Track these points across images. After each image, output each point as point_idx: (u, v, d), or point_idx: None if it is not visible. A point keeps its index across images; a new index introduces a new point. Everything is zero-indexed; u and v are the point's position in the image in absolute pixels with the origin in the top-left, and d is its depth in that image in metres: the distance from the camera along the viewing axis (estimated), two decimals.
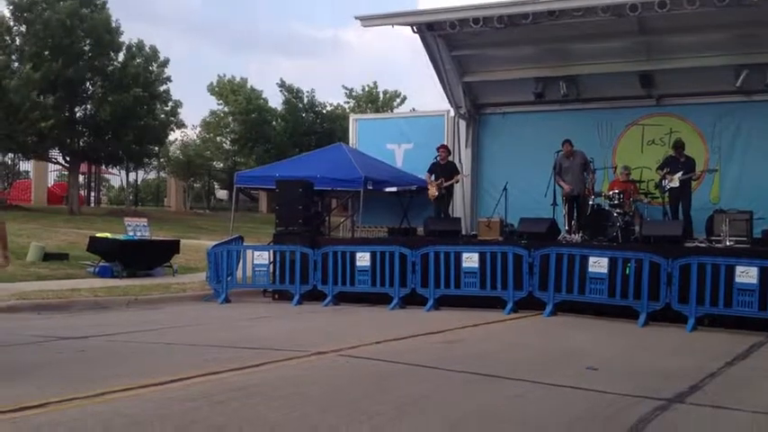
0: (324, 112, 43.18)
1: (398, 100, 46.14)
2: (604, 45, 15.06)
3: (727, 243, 12.12)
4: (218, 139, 44.07)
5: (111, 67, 30.11)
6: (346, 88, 45.47)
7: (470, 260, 12.46)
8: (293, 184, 14.45)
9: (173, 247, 16.87)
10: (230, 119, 42.91)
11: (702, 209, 13.80)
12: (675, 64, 14.83)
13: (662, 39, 14.71)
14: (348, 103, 45.17)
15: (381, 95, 45.64)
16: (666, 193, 13.90)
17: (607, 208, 13.87)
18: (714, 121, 15.10)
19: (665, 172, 13.77)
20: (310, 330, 10.38)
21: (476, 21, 13.94)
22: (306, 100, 42.67)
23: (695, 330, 10.39)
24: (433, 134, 17.26)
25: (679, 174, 13.54)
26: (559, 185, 14.26)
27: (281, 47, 75.49)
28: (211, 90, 43.38)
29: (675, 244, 11.81)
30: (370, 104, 44.37)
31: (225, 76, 43.70)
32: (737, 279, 10.28)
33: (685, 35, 14.31)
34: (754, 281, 10.17)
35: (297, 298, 13.32)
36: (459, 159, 16.87)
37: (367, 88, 45.52)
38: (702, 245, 12.40)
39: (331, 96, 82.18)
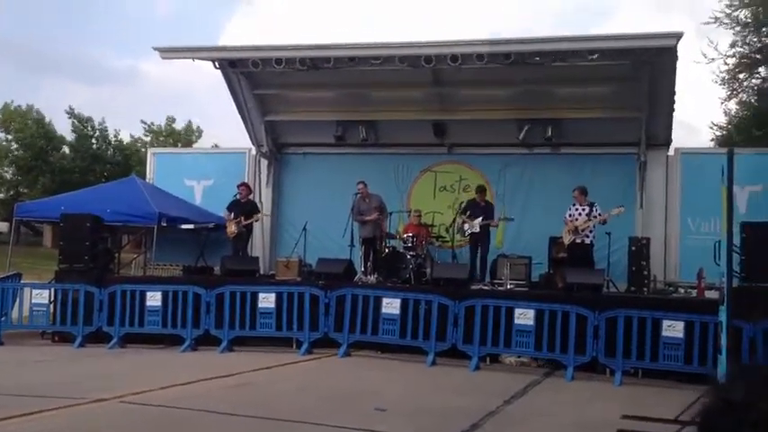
0: (115, 142, 41.34)
1: (196, 135, 45.34)
2: (402, 93, 15.69)
3: (508, 286, 12.92)
4: None
5: None
6: (144, 122, 44.06)
7: (267, 300, 12.32)
8: (80, 219, 13.59)
9: None
10: (13, 146, 39.90)
11: (488, 253, 14.59)
12: (465, 115, 15.74)
13: (454, 91, 15.58)
14: (147, 136, 43.70)
15: (181, 129, 44.59)
16: (467, 237, 14.53)
17: (401, 250, 14.33)
18: (499, 170, 16.07)
19: (466, 216, 14.36)
20: (91, 375, 9.70)
21: (278, 61, 14.00)
22: (97, 130, 40.66)
23: (478, 370, 10.89)
24: (234, 171, 17.02)
25: (479, 219, 14.22)
26: (357, 222, 14.50)
27: (76, 73, 71.53)
28: None
29: (462, 286, 12.39)
30: (169, 138, 43.17)
31: (12, 102, 40.73)
32: (516, 321, 10.97)
33: (475, 89, 15.25)
34: (531, 322, 10.91)
35: (79, 340, 12.45)
36: (260, 198, 16.75)
37: (166, 121, 44.36)
38: (486, 287, 13.10)
39: (130, 127, 78.95)
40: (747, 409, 1.34)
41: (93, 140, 40.50)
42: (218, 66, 15.10)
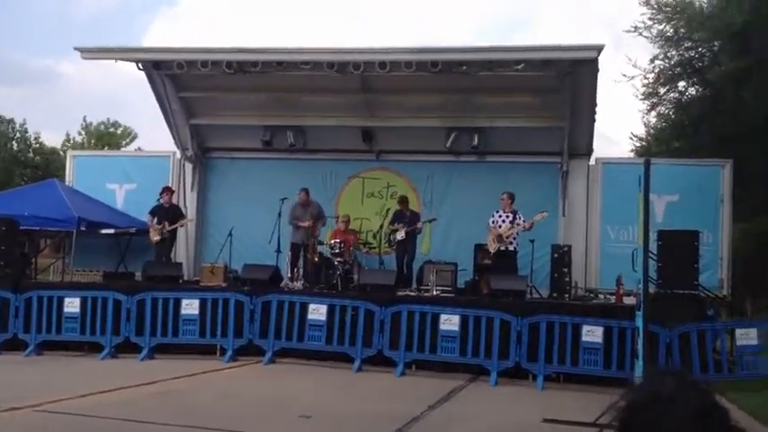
0: (36, 144, 39.97)
1: (125, 138, 44.27)
2: (330, 99, 15.63)
3: (435, 292, 13.02)
4: None
5: None
6: (84, 121, 42.85)
7: (190, 306, 12.09)
8: None
9: None
10: None
11: (414, 259, 14.69)
12: (393, 122, 15.79)
13: (382, 98, 15.63)
14: (75, 138, 42.53)
15: (105, 132, 43.48)
16: (395, 246, 14.58)
17: (329, 256, 14.28)
18: (426, 177, 16.18)
19: (394, 226, 14.39)
20: (5, 384, 9.30)
21: (204, 64, 13.75)
22: (17, 132, 39.24)
23: (404, 375, 10.93)
24: (157, 175, 16.63)
25: (404, 227, 14.29)
26: (292, 225, 14.43)
27: None
28: None
29: (389, 292, 12.42)
30: (96, 142, 42.05)
31: None
32: (442, 326, 11.07)
33: (403, 96, 15.34)
34: (456, 328, 11.02)
35: None
36: (185, 203, 16.42)
37: (94, 123, 43.20)
38: (412, 293, 13.18)
39: (52, 130, 76.31)
40: (676, 401, 1.37)
41: (14, 143, 39.07)
42: (141, 67, 14.75)
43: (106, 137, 42.99)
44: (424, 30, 67.56)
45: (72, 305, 12.15)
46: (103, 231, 15.07)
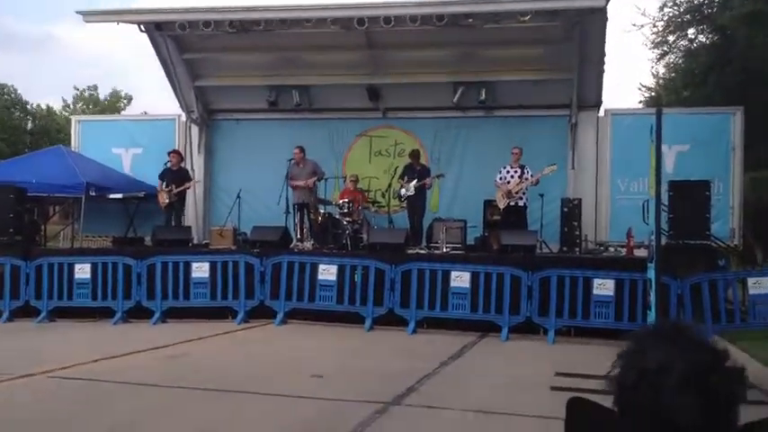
0: (33, 109, 39.83)
1: (125, 102, 44.08)
2: (335, 57, 15.46)
3: (444, 250, 12.99)
4: None
5: None
6: (77, 88, 42.61)
7: (201, 269, 12.11)
8: (4, 190, 13.13)
9: None
10: None
11: (424, 217, 14.62)
12: (399, 79, 15.59)
13: (387, 54, 15.41)
14: (71, 105, 42.33)
15: (105, 97, 43.32)
16: (404, 201, 14.51)
17: (337, 216, 14.24)
18: (434, 134, 16.04)
19: (404, 181, 14.31)
20: (19, 350, 9.38)
21: (206, 24, 13.58)
22: (13, 96, 39.06)
23: (415, 333, 10.95)
24: (163, 139, 16.58)
25: (414, 182, 14.21)
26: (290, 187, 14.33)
27: None
28: None
29: (399, 251, 12.39)
30: (92, 106, 41.88)
31: None
32: (452, 283, 11.05)
33: (409, 52, 15.12)
34: (467, 284, 11.00)
35: (6, 315, 12.05)
36: (192, 166, 16.37)
37: (88, 89, 43.01)
38: (422, 251, 13.14)
39: (50, 96, 76.05)
40: (664, 374, 1.30)
41: (13, 109, 38.97)
42: (143, 29, 14.58)
43: (102, 103, 42.80)
44: None
45: (82, 271, 12.19)
46: (112, 196, 15.09)
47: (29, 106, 39.52)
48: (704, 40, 22.43)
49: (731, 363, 1.34)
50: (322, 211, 14.54)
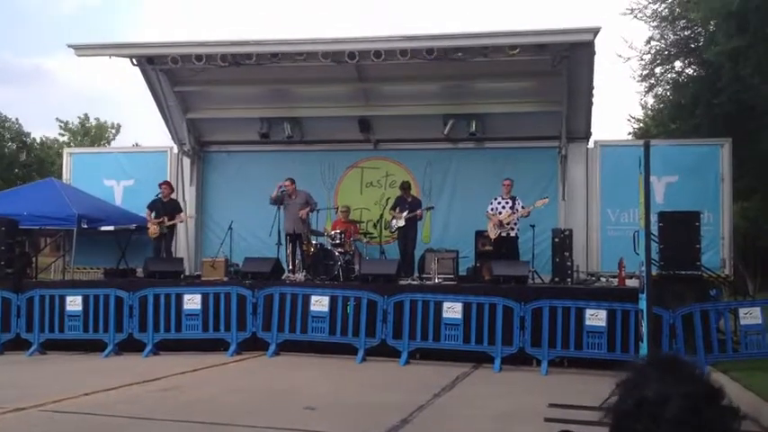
0: (28, 141, 39.83)
1: (113, 131, 44.31)
2: (326, 89, 15.60)
3: (436, 280, 13.00)
4: None
5: None
6: (60, 120, 42.70)
7: (192, 302, 12.07)
8: None
9: None
10: None
11: (415, 248, 14.66)
12: (390, 111, 15.75)
13: (378, 87, 15.59)
14: (63, 135, 42.44)
15: (94, 127, 43.45)
16: (396, 232, 14.54)
17: (329, 247, 14.25)
18: (425, 165, 16.17)
19: (396, 212, 14.34)
20: (9, 383, 9.28)
21: (198, 57, 13.71)
22: (10, 129, 39.07)
23: (408, 364, 10.92)
24: (155, 171, 16.58)
25: (405, 213, 14.25)
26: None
27: None
28: None
29: (391, 282, 12.39)
30: (86, 138, 41.97)
31: None
32: (445, 314, 11.05)
33: (399, 84, 15.31)
34: (459, 315, 11.00)
35: None
36: (184, 197, 16.38)
37: (78, 120, 43.17)
38: (414, 282, 13.15)
39: (42, 128, 76.01)
40: (662, 405, 1.33)
41: (10, 142, 38.98)
42: (135, 63, 14.69)
43: (91, 134, 42.93)
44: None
45: (74, 303, 12.14)
46: (103, 228, 15.05)
47: (24, 138, 39.56)
48: (691, 72, 22.73)
49: (727, 401, 1.37)
50: (314, 242, 14.56)
